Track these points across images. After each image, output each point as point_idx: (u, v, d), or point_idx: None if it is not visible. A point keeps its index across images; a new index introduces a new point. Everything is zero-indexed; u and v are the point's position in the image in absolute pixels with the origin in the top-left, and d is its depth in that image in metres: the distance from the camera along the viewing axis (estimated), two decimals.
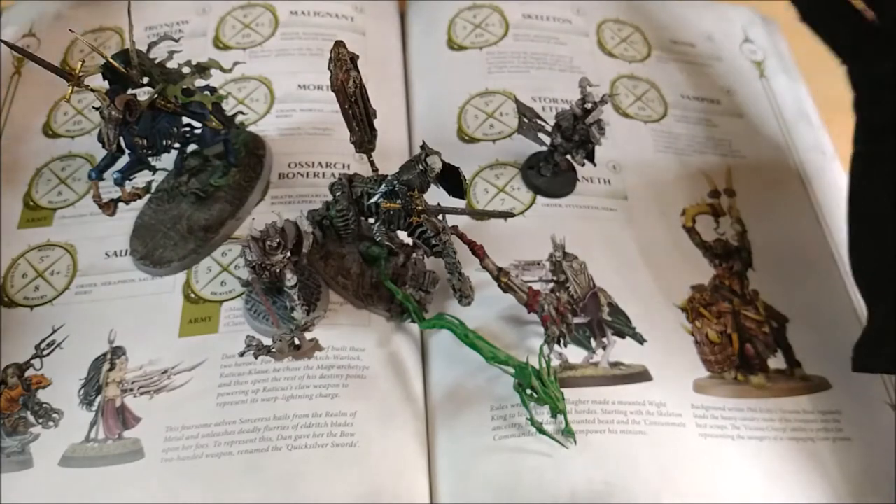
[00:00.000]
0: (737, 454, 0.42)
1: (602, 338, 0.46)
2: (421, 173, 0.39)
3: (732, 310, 0.48)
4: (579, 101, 0.47)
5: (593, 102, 0.47)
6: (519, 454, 0.41)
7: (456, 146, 0.55)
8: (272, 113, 0.56)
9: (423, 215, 0.41)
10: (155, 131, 0.43)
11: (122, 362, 0.44)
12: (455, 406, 0.44)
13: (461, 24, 0.63)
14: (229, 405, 0.42)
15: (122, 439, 0.41)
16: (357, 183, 0.43)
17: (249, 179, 0.51)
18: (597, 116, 0.46)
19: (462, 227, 0.44)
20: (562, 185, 0.53)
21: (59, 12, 0.62)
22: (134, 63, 0.41)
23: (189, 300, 0.46)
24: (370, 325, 0.46)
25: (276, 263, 0.42)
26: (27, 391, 0.43)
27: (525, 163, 0.54)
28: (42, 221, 0.50)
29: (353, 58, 0.38)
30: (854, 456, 0.43)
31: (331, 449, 0.41)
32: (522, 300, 0.44)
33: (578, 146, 0.48)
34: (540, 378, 0.40)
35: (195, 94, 0.44)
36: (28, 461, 0.41)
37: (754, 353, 0.47)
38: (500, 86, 0.58)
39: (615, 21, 0.64)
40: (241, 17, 0.62)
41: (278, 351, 0.39)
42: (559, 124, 0.49)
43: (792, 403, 0.45)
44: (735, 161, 0.57)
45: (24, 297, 0.47)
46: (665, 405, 0.44)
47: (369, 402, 0.43)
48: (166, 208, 0.49)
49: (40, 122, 0.56)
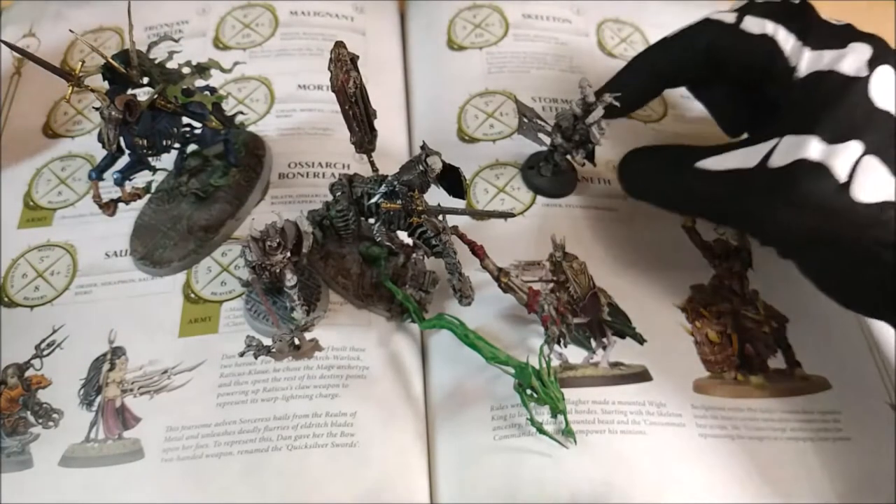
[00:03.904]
0: (737, 454, 0.42)
1: (602, 338, 0.46)
2: (421, 173, 0.39)
3: (732, 310, 0.48)
4: (579, 100, 0.47)
5: (593, 102, 0.47)
6: (519, 454, 0.41)
7: (456, 146, 0.55)
8: (272, 113, 0.56)
9: (424, 216, 0.41)
10: (155, 131, 0.43)
11: (122, 362, 0.44)
12: (455, 406, 0.44)
13: (461, 24, 0.63)
14: (229, 405, 0.42)
15: (122, 439, 0.41)
16: (357, 183, 0.43)
17: (249, 179, 0.51)
18: (596, 116, 0.46)
19: (462, 227, 0.44)
20: (562, 185, 0.53)
21: (59, 12, 0.62)
22: (134, 63, 0.41)
23: (189, 300, 0.46)
24: (370, 325, 0.46)
25: (276, 263, 0.42)
26: (27, 391, 0.43)
27: (525, 163, 0.54)
28: (42, 221, 0.50)
29: (353, 58, 0.38)
30: (854, 456, 0.43)
31: (331, 449, 0.41)
32: (522, 300, 0.44)
33: (578, 146, 0.48)
34: (540, 378, 0.40)
35: (195, 94, 0.44)
36: (28, 461, 0.41)
37: (754, 353, 0.47)
38: (500, 86, 0.58)
39: (615, 21, 0.64)
40: (241, 17, 0.62)
41: (278, 351, 0.39)
42: (559, 124, 0.49)
43: (792, 403, 0.45)
44: None
45: (24, 297, 0.47)
46: (665, 405, 0.44)
47: (369, 402, 0.43)
48: (166, 208, 0.49)
49: (40, 122, 0.56)
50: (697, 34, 0.46)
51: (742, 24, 0.44)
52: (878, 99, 0.39)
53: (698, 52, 0.45)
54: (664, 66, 0.48)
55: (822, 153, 0.38)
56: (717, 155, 0.42)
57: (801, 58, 0.42)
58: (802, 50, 0.42)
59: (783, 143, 0.39)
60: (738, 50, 0.44)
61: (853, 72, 0.40)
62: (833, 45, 0.41)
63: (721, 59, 0.45)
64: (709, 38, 0.45)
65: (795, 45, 0.42)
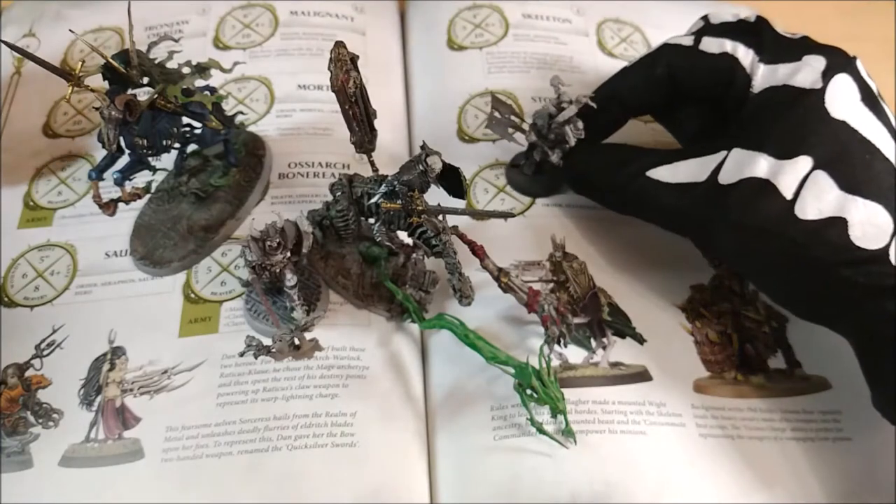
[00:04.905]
0: (737, 454, 0.42)
1: (602, 338, 0.46)
2: (421, 173, 0.39)
3: (732, 310, 0.48)
4: (554, 99, 0.47)
5: (567, 101, 0.46)
6: (519, 454, 0.41)
7: (456, 146, 0.55)
8: (272, 113, 0.56)
9: (424, 216, 0.41)
10: (155, 131, 0.43)
11: (122, 362, 0.44)
12: (455, 406, 0.44)
13: (461, 24, 0.63)
14: (229, 405, 0.42)
15: (122, 439, 0.41)
16: (357, 183, 0.43)
17: (249, 179, 0.51)
18: (566, 115, 0.46)
19: (462, 227, 0.44)
20: (542, 185, 0.52)
21: (59, 12, 0.62)
22: (134, 63, 0.41)
23: (189, 300, 0.46)
24: (370, 325, 0.46)
25: (276, 263, 0.42)
26: (27, 391, 0.43)
27: (510, 161, 0.53)
28: (42, 221, 0.50)
29: (353, 58, 0.38)
30: (854, 456, 0.43)
31: (331, 449, 0.41)
32: (522, 300, 0.44)
33: (554, 146, 0.48)
34: (540, 378, 0.40)
35: (195, 94, 0.44)
36: (28, 461, 0.41)
37: (754, 353, 0.47)
38: (500, 86, 0.58)
39: (615, 21, 0.64)
40: (241, 17, 0.62)
41: (278, 351, 0.39)
42: (535, 123, 0.48)
43: (792, 403, 0.45)
44: None
45: (24, 297, 0.47)
46: (665, 405, 0.44)
47: (369, 402, 0.43)
48: (166, 208, 0.49)
49: (40, 122, 0.56)
50: (656, 59, 0.46)
51: (700, 45, 0.44)
52: (834, 109, 0.39)
53: (659, 76, 0.46)
54: (626, 94, 0.48)
55: (770, 170, 0.38)
56: (668, 164, 0.42)
57: (757, 72, 0.42)
58: (758, 64, 0.42)
59: (732, 156, 0.40)
60: (698, 70, 0.45)
61: (808, 84, 0.40)
62: (788, 59, 0.41)
63: (681, 80, 0.45)
64: (669, 62, 0.45)
65: (753, 60, 0.42)
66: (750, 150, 0.39)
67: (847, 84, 0.40)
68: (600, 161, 0.47)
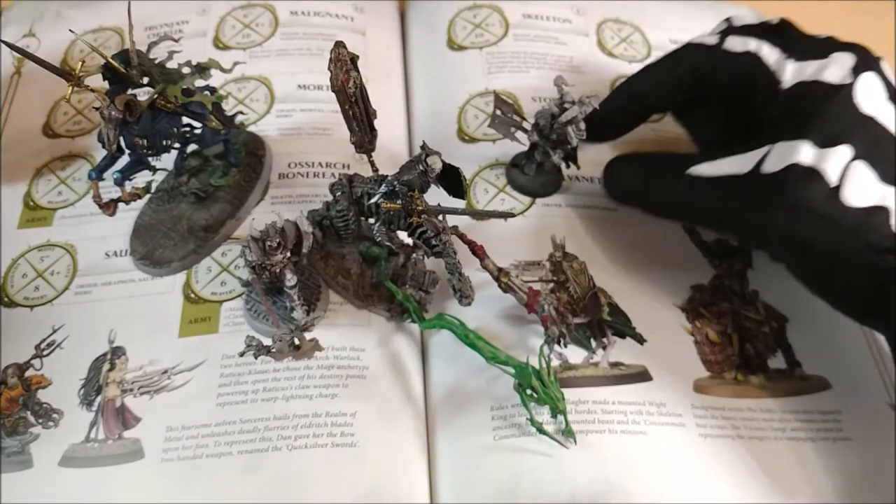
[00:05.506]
0: (737, 454, 0.42)
1: (602, 338, 0.46)
2: (421, 173, 0.39)
3: (732, 310, 0.48)
4: (558, 99, 0.47)
5: (570, 102, 0.46)
6: (519, 454, 0.41)
7: (456, 146, 0.55)
8: (272, 113, 0.56)
9: (424, 216, 0.41)
10: (155, 131, 0.43)
11: (122, 362, 0.44)
12: (455, 406, 0.44)
13: (461, 24, 0.63)
14: (229, 405, 0.42)
15: (122, 439, 0.41)
16: (357, 183, 0.43)
17: (249, 179, 0.51)
18: (569, 116, 0.46)
19: (462, 227, 0.44)
20: (543, 184, 0.52)
21: (59, 12, 0.62)
22: (134, 63, 0.41)
23: (189, 300, 0.46)
24: (370, 325, 0.46)
25: (276, 263, 0.42)
26: (27, 391, 0.43)
27: (511, 161, 0.53)
28: (42, 221, 0.50)
29: (353, 58, 0.38)
30: (854, 456, 0.43)
31: (331, 449, 0.41)
32: (522, 300, 0.44)
33: (556, 146, 0.48)
34: (540, 378, 0.40)
35: (195, 94, 0.44)
36: (28, 461, 0.41)
37: (754, 353, 0.47)
38: (500, 86, 0.58)
39: (615, 21, 0.64)
40: (241, 17, 0.62)
41: (278, 351, 0.39)
42: (537, 123, 0.48)
43: (792, 403, 0.45)
44: None
45: (24, 297, 0.47)
46: (665, 405, 0.44)
47: (369, 402, 0.43)
48: (166, 208, 0.49)
49: (40, 122, 0.56)
50: (681, 57, 0.46)
51: (725, 45, 0.45)
52: (864, 105, 0.40)
53: (682, 74, 0.46)
54: (648, 91, 0.48)
55: (814, 157, 0.38)
56: (710, 161, 0.42)
57: (786, 70, 0.42)
58: (786, 62, 0.42)
59: (776, 149, 0.40)
60: (722, 68, 0.45)
61: (838, 80, 0.40)
62: (816, 56, 0.42)
63: (706, 79, 0.46)
64: (693, 60, 0.46)
65: (780, 58, 0.43)
66: (792, 141, 0.39)
67: (875, 82, 0.41)
68: (639, 170, 0.47)
